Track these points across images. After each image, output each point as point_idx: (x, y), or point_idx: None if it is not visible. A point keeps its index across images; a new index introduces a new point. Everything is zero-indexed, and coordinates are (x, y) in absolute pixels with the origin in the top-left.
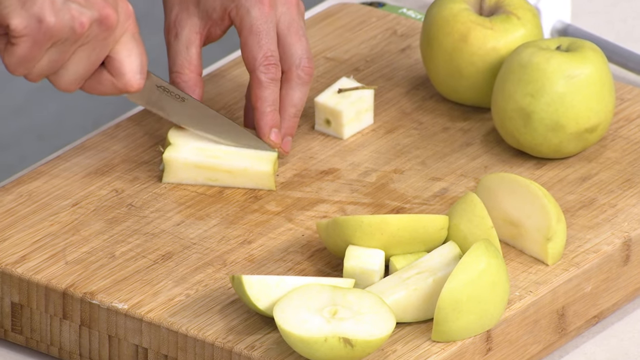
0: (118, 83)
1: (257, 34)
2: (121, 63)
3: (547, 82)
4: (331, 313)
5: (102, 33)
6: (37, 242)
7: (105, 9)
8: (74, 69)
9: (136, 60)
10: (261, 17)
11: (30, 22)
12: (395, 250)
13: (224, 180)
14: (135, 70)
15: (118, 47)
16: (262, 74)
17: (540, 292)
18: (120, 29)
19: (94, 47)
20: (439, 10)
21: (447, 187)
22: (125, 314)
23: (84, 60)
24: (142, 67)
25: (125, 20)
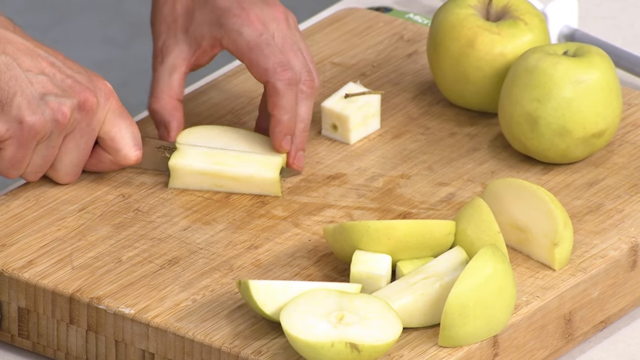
0: (116, 159)
1: (257, 48)
2: (113, 141)
3: (554, 87)
4: (338, 318)
5: (85, 118)
6: (44, 247)
7: (83, 93)
8: (68, 160)
9: (127, 134)
10: (254, 32)
11: (12, 124)
12: (402, 255)
13: (229, 187)
14: (130, 144)
15: (106, 127)
16: (277, 81)
17: (547, 297)
18: (103, 109)
19: (81, 134)
20: (445, 15)
21: (454, 192)
22: (132, 319)
23: (74, 149)
24: (135, 139)
25: (107, 100)
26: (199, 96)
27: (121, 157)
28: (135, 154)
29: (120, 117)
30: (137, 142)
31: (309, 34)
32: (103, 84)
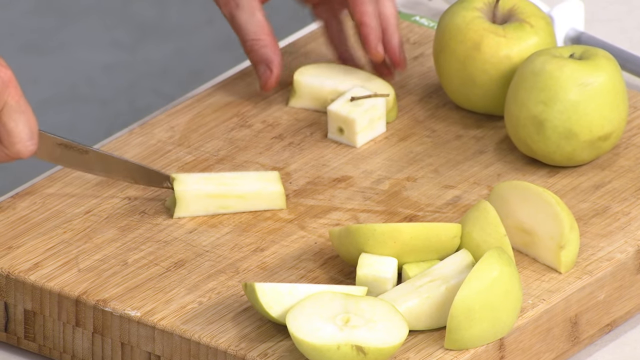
0: (10, 152)
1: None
2: (9, 134)
3: (560, 90)
4: (344, 321)
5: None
6: (50, 250)
7: None
8: None
9: (24, 128)
10: None
11: None
12: (408, 258)
13: (235, 207)
14: (25, 138)
15: (2, 119)
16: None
17: (553, 300)
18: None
19: None
20: (451, 18)
21: (460, 195)
22: (138, 321)
23: None
24: (31, 134)
25: (2, 91)
26: (205, 98)
27: (15, 151)
28: (29, 149)
29: (17, 109)
30: (33, 137)
31: (316, 37)
32: (3, 72)
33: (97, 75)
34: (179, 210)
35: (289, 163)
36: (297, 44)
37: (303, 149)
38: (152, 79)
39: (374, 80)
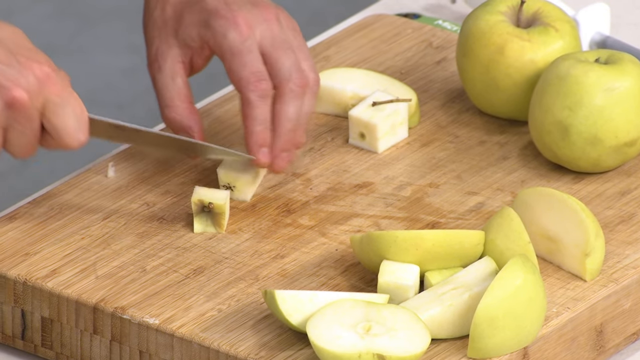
0: (60, 144)
1: (238, 54)
2: (55, 129)
3: (585, 95)
4: (365, 329)
5: (18, 115)
6: (68, 256)
7: (11, 92)
8: (17, 143)
9: (70, 119)
10: (239, 37)
11: None
12: (430, 265)
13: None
14: (72, 130)
15: (47, 115)
16: (250, 92)
17: (578, 308)
18: (37, 99)
19: (21, 125)
20: (475, 21)
21: (483, 201)
22: (157, 329)
23: (20, 135)
24: (79, 124)
25: (41, 89)
26: (223, 104)
27: (65, 143)
28: (78, 140)
29: (60, 103)
30: (80, 127)
31: (336, 41)
32: (38, 68)
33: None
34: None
35: (309, 169)
36: (317, 48)
37: (324, 155)
38: None
39: (396, 84)
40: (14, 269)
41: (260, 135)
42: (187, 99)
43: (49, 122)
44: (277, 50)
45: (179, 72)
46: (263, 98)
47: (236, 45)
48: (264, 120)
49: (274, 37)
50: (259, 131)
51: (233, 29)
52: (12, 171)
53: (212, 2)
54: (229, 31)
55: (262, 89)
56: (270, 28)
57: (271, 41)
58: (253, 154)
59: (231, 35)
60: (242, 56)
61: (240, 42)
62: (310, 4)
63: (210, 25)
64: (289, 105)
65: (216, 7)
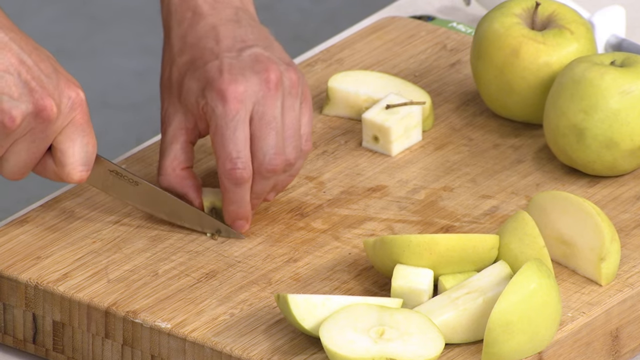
0: (60, 173)
1: (221, 134)
2: (63, 154)
3: (601, 98)
4: (378, 333)
5: (40, 125)
6: (79, 260)
7: (42, 100)
8: (14, 160)
9: (80, 152)
10: (225, 116)
11: None
12: (444, 269)
13: None
14: (78, 162)
15: (61, 138)
16: (224, 177)
17: (593, 313)
18: (63, 119)
19: (33, 139)
20: (490, 24)
21: (497, 205)
22: (169, 333)
23: (23, 152)
24: (86, 159)
25: (70, 111)
26: None
27: (65, 173)
28: (80, 174)
29: (80, 132)
30: (87, 162)
31: (350, 43)
32: (75, 92)
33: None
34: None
35: (322, 172)
36: (330, 51)
37: (337, 158)
38: None
39: (410, 87)
40: (25, 272)
41: (234, 212)
42: (180, 164)
43: (60, 146)
44: (263, 128)
45: (180, 139)
46: (236, 184)
47: (221, 123)
48: (239, 200)
49: (264, 111)
50: (232, 210)
51: (222, 104)
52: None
53: (212, 68)
54: (217, 106)
55: (235, 177)
56: (265, 98)
57: (261, 116)
58: (230, 223)
59: (218, 111)
60: (224, 137)
61: (226, 120)
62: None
63: (205, 95)
64: (258, 184)
65: (213, 76)
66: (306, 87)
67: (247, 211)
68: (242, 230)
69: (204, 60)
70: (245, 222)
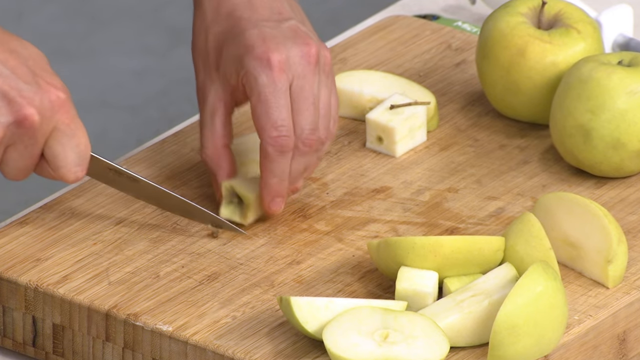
0: (55, 175)
1: (265, 103)
2: (55, 157)
3: (608, 98)
4: (382, 337)
5: (26, 133)
6: (80, 262)
7: (22, 110)
8: (13, 165)
9: (71, 153)
10: (270, 84)
11: None
12: (449, 272)
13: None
14: (71, 164)
15: (50, 142)
16: (269, 145)
17: (600, 316)
18: (47, 124)
19: (24, 146)
20: (495, 23)
21: (503, 206)
22: (170, 336)
23: (18, 158)
24: (79, 159)
25: (53, 114)
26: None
27: (60, 175)
28: (75, 174)
29: (68, 133)
30: (80, 163)
31: (353, 43)
32: (55, 94)
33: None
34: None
35: (326, 173)
36: (334, 50)
37: (340, 159)
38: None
39: (415, 87)
40: (25, 275)
41: (274, 187)
42: (220, 140)
43: (51, 150)
44: (301, 102)
45: (219, 111)
46: (281, 153)
47: (265, 91)
48: (281, 173)
49: (303, 85)
50: (274, 183)
51: (266, 72)
52: None
53: (250, 35)
54: (261, 74)
55: (280, 144)
56: (305, 71)
57: (300, 89)
58: (266, 202)
59: (262, 79)
60: (269, 104)
61: (271, 89)
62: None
63: (244, 63)
64: (294, 162)
65: (253, 44)
66: (331, 63)
67: (285, 187)
68: (278, 210)
69: (241, 29)
70: (282, 200)
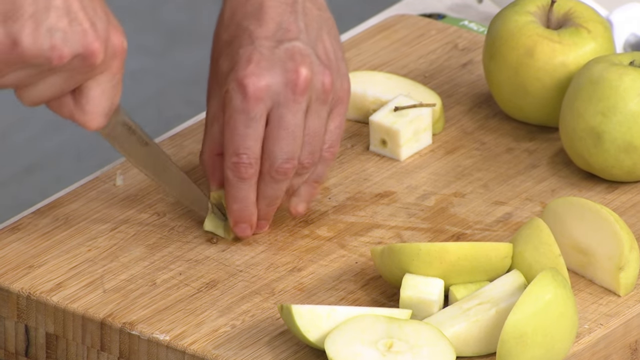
0: (77, 116)
1: (232, 128)
2: (88, 100)
3: (619, 100)
4: (386, 346)
5: (83, 67)
6: (74, 269)
7: (92, 45)
8: (42, 90)
9: (105, 102)
10: (241, 110)
11: (5, 40)
12: (455, 279)
13: None
14: (100, 112)
15: (92, 83)
16: (228, 170)
17: (611, 325)
18: (103, 65)
19: (71, 76)
20: (503, 22)
21: (511, 212)
22: (167, 345)
23: (55, 86)
24: (109, 110)
25: (111, 58)
26: None
27: (84, 119)
28: (98, 124)
29: (111, 82)
30: (108, 113)
31: (356, 43)
32: (119, 39)
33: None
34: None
35: (328, 177)
36: None
37: (343, 162)
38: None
39: (420, 88)
40: (17, 282)
41: (237, 213)
42: (217, 148)
43: (89, 91)
44: (278, 130)
45: (218, 118)
46: (240, 179)
47: (235, 115)
48: (242, 199)
49: (283, 114)
50: (236, 209)
51: (240, 97)
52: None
53: (243, 53)
54: (235, 97)
55: (239, 171)
56: (286, 100)
57: (279, 118)
58: (232, 226)
59: (235, 102)
60: (235, 130)
61: (241, 114)
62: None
63: (228, 80)
64: (267, 187)
65: (240, 64)
66: (343, 91)
67: (251, 214)
68: (243, 236)
69: (239, 43)
70: (247, 226)
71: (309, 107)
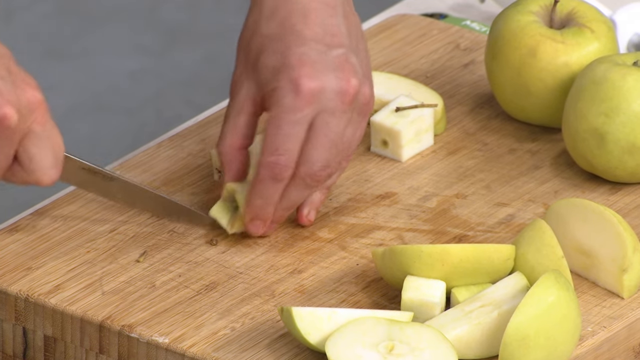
0: (29, 178)
1: (276, 126)
2: (30, 160)
3: (623, 101)
4: (388, 349)
5: (2, 133)
6: (72, 271)
7: (2, 108)
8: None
9: (47, 155)
10: (290, 110)
11: None
12: (457, 281)
13: None
14: (47, 166)
15: (26, 143)
16: (262, 167)
17: (614, 327)
18: (23, 124)
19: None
20: (505, 22)
21: (513, 213)
22: (166, 348)
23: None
24: (55, 161)
25: (29, 114)
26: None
27: (35, 178)
28: (50, 177)
29: (43, 134)
30: (55, 165)
31: None
32: (31, 93)
33: (122, 82)
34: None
35: None
36: None
37: None
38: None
39: (421, 89)
40: (15, 284)
41: (256, 209)
42: (239, 139)
43: (26, 151)
44: (321, 137)
45: (245, 109)
46: (273, 179)
47: (282, 114)
48: (267, 197)
49: (329, 121)
50: (257, 205)
51: (292, 95)
52: None
53: (294, 54)
54: (287, 96)
55: (273, 171)
56: (335, 108)
57: (324, 124)
58: (246, 220)
59: (285, 101)
60: (279, 128)
61: (288, 113)
62: None
63: (278, 78)
64: (295, 191)
65: (293, 63)
66: (373, 102)
67: (269, 213)
68: (256, 234)
69: (287, 42)
70: (262, 224)
71: (350, 118)
